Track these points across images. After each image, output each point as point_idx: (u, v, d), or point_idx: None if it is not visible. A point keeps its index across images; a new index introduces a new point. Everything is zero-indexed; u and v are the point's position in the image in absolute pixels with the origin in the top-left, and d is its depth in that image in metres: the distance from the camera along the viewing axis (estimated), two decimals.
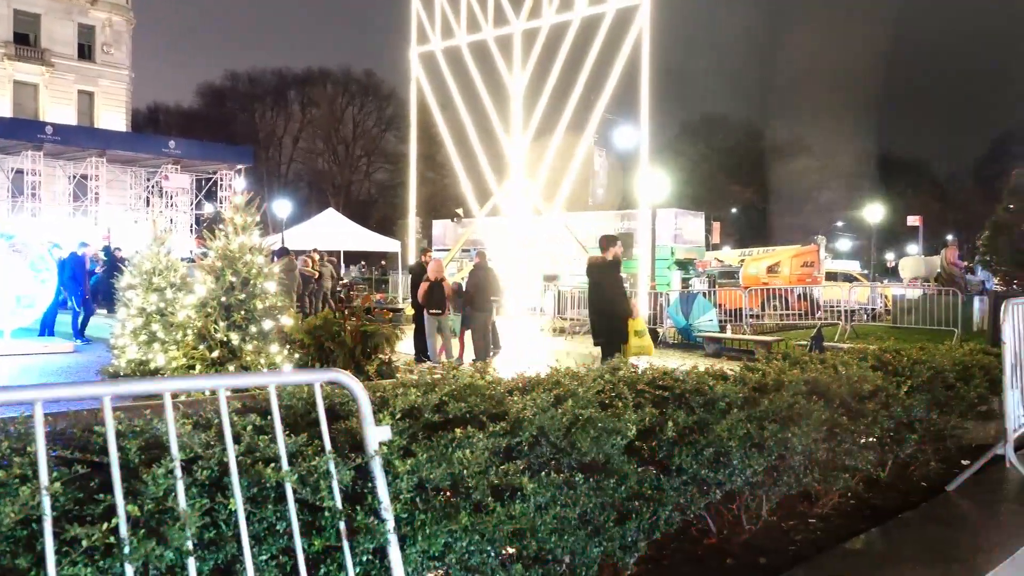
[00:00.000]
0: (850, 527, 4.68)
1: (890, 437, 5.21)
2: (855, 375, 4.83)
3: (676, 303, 17.95)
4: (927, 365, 5.53)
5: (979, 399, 6.06)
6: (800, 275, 25.72)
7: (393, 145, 65.32)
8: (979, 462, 5.48)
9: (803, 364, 4.87)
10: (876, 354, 5.63)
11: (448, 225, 30.62)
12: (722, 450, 3.76)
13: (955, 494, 5.32)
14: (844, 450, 4.73)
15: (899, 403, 5.08)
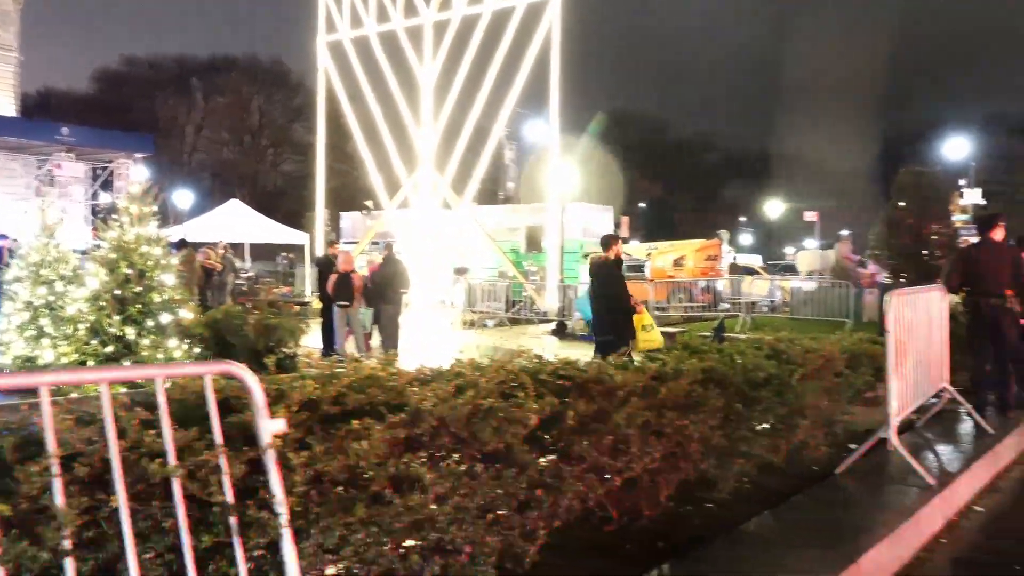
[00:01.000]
0: (746, 511, 4.82)
1: (783, 423, 5.41)
2: (750, 364, 4.99)
3: (585, 295, 18.13)
4: (818, 354, 5.75)
5: (866, 386, 6.36)
6: (704, 268, 26.36)
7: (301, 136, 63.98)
8: (865, 446, 5.74)
9: (701, 353, 5.00)
10: (771, 343, 5.81)
11: (357, 218, 30.23)
12: (621, 438, 3.84)
13: (842, 477, 5.55)
14: (739, 436, 4.88)
15: (791, 390, 5.27)
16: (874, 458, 5.82)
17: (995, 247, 7.96)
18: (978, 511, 5.69)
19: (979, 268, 7.79)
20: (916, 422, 7.17)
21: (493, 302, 21.34)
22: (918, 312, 6.27)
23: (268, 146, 70.38)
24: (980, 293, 7.72)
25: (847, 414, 6.32)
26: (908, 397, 6.02)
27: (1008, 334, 7.74)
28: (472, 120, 23.00)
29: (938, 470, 5.76)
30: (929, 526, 5.02)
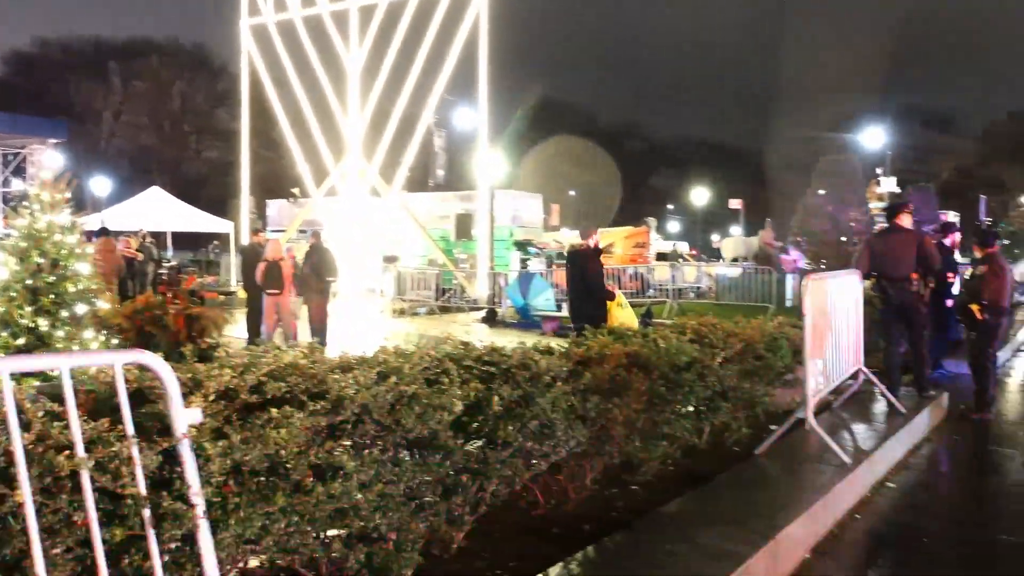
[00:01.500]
0: (670, 492, 4.91)
1: (706, 405, 5.53)
2: (673, 348, 5.08)
3: (514, 283, 18.23)
4: (739, 338, 5.89)
5: (786, 368, 6.53)
6: (632, 255, 26.69)
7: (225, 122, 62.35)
8: (783, 427, 5.90)
9: (625, 338, 5.07)
10: (694, 328, 5.93)
11: (284, 205, 29.70)
12: (547, 422, 3.87)
13: (763, 457, 5.71)
14: (663, 419, 4.97)
15: (714, 373, 5.39)
16: (793, 438, 6.00)
17: (902, 233, 8.25)
18: (890, 487, 5.92)
19: (886, 253, 8.08)
20: (833, 403, 7.41)
21: (423, 290, 21.25)
22: (834, 296, 6.46)
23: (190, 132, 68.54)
24: (887, 278, 8.01)
25: (767, 396, 6.48)
26: (825, 379, 6.21)
27: (916, 317, 8.05)
28: (400, 107, 22.79)
29: (853, 449, 5.96)
30: (844, 502, 5.20)
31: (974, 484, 6.46)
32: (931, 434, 7.49)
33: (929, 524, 5.35)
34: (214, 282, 25.48)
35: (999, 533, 5.17)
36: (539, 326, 16.42)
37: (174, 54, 66.37)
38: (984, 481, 6.55)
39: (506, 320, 17.87)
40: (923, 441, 7.22)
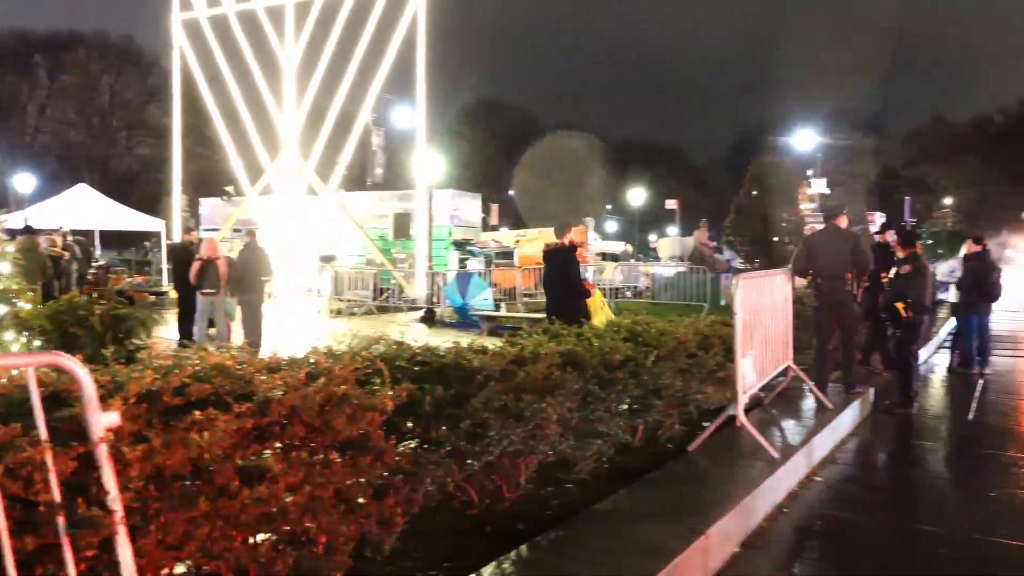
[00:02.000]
0: (604, 489, 4.96)
1: (639, 403, 5.59)
2: (607, 346, 5.12)
3: (453, 283, 18.19)
4: (672, 336, 5.97)
5: (718, 366, 6.64)
6: None
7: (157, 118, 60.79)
8: (715, 423, 6.01)
9: (560, 338, 5.09)
10: (628, 326, 5.99)
11: (217, 203, 29.09)
12: (480, 422, 3.87)
13: (695, 453, 5.79)
14: (597, 417, 5.01)
15: (647, 372, 5.45)
16: (725, 435, 6.10)
17: (838, 233, 8.50)
18: (818, 480, 6.07)
19: (824, 252, 8.30)
20: (764, 399, 7.57)
21: (361, 290, 21.05)
22: (764, 295, 6.60)
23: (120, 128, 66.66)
24: (823, 276, 8.23)
25: (700, 393, 6.59)
26: (755, 376, 6.33)
27: (848, 315, 8.29)
28: (337, 105, 22.52)
29: (782, 444, 6.10)
30: (773, 497, 5.32)
31: (897, 476, 6.67)
32: (857, 429, 7.71)
33: (854, 516, 5.50)
34: (144, 282, 24.85)
35: (920, 523, 5.34)
36: (478, 326, 16.43)
37: (102, 48, 64.43)
38: (907, 473, 6.76)
39: (445, 320, 17.83)
40: (849, 436, 7.42)
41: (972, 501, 5.89)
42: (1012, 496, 5.88)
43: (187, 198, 27.95)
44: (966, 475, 6.71)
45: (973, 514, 5.54)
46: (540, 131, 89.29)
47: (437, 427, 3.59)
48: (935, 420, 8.70)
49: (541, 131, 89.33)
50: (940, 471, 6.87)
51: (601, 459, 5.45)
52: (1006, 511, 5.54)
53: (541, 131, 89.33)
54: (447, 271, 21.21)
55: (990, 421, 8.60)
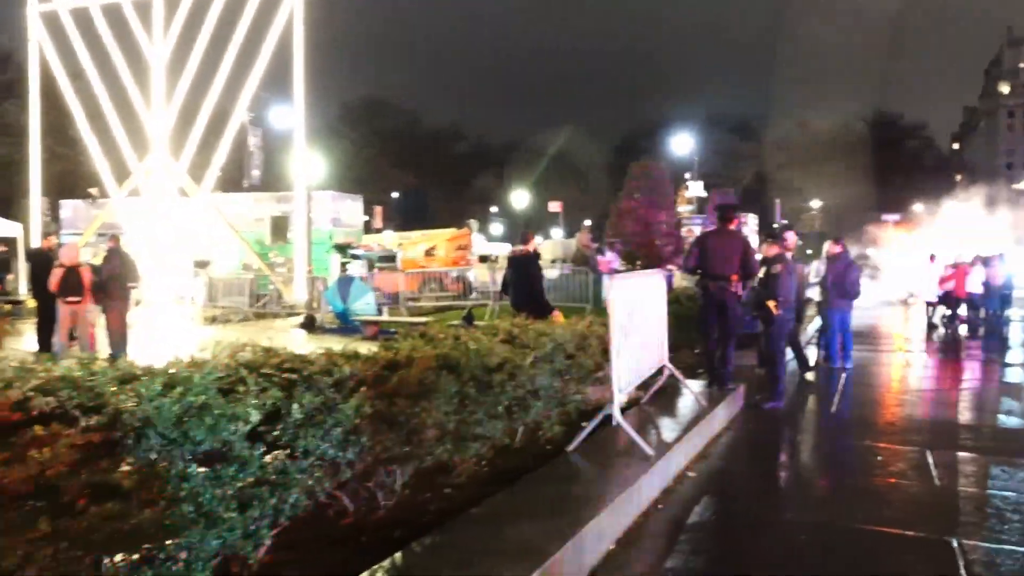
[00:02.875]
0: (483, 493, 4.96)
1: (518, 405, 5.63)
2: (484, 349, 5.14)
3: (334, 287, 17.87)
4: (550, 337, 6.05)
5: (596, 366, 6.77)
6: (455, 257, 26.88)
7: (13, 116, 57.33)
8: (592, 423, 6.12)
9: (435, 341, 5.08)
10: (506, 328, 6.04)
11: (80, 206, 27.67)
12: (351, 429, 3.81)
13: (573, 453, 5.88)
14: (475, 420, 5.02)
15: (525, 373, 5.50)
16: (602, 434, 6.22)
17: (729, 235, 8.84)
18: (691, 476, 6.26)
19: (714, 253, 8.61)
20: (641, 398, 7.76)
21: (237, 296, 20.45)
22: (640, 295, 6.77)
23: None
24: (710, 276, 8.53)
25: (579, 394, 6.71)
26: (631, 376, 6.48)
27: (731, 315, 8.60)
28: (211, 102, 21.78)
29: (657, 442, 6.26)
30: (648, 494, 5.45)
31: (766, 469, 6.95)
32: (729, 424, 8.00)
33: (725, 508, 5.70)
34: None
35: (786, 512, 5.59)
36: (360, 331, 16.18)
37: None
38: (775, 466, 7.06)
39: (325, 326, 17.51)
40: (722, 431, 7.70)
41: (834, 489, 6.22)
42: (868, 483, 6.24)
43: (47, 201, 26.44)
44: (829, 465, 7.07)
45: (835, 502, 5.85)
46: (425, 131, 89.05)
47: (305, 435, 3.51)
48: (802, 414, 9.13)
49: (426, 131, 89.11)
50: (805, 462, 7.22)
51: (480, 462, 5.48)
52: (864, 497, 5.87)
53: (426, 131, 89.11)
54: (327, 275, 20.84)
55: (851, 413, 9.09)
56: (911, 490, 6.07)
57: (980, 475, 6.44)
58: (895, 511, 5.56)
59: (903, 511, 5.57)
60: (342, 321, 17.27)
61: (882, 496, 5.89)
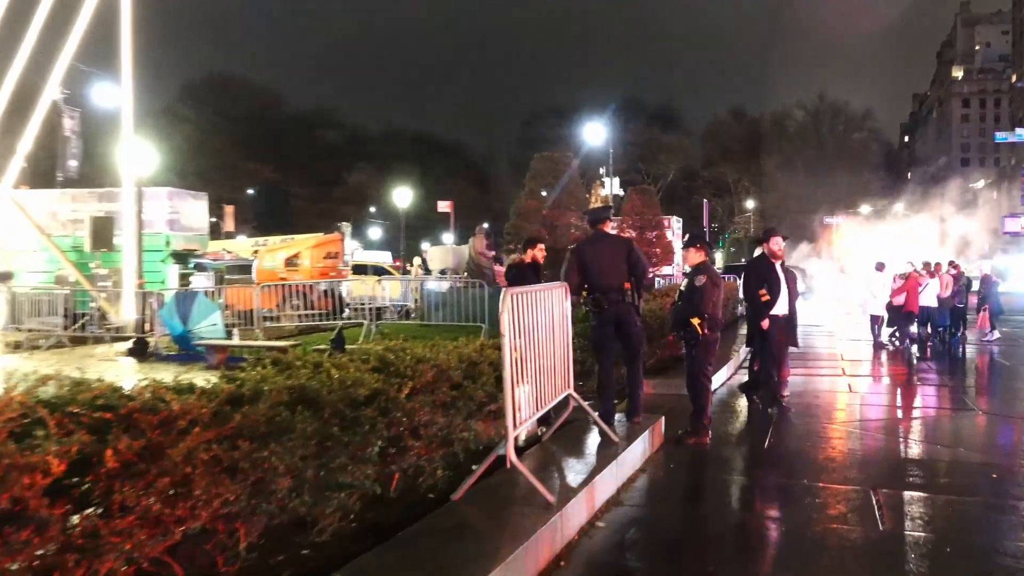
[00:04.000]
0: (349, 553, 4.93)
1: (393, 446, 5.62)
2: (349, 379, 5.11)
3: (171, 305, 17.47)
4: (431, 364, 6.06)
5: (487, 397, 6.81)
6: (323, 268, 26.62)
7: None
8: (482, 466, 6.15)
9: (291, 370, 5.02)
10: (378, 354, 6.01)
11: None
12: (181, 479, 3.73)
13: (460, 502, 5.90)
14: (339, 465, 4.98)
15: (400, 407, 5.49)
16: (495, 478, 6.26)
17: (609, 240, 9.00)
18: (600, 526, 6.36)
19: (597, 263, 8.73)
20: (542, 434, 7.84)
21: (48, 316, 19.75)
22: (539, 313, 6.83)
23: None
24: (600, 289, 8.65)
25: (468, 431, 6.73)
26: (529, 408, 6.54)
27: (633, 331, 8.75)
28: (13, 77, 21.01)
29: (560, 487, 6.34)
30: (548, 548, 5.51)
31: (689, 516, 7.11)
32: (646, 464, 8.17)
33: (639, 565, 5.82)
34: None
35: (711, 565, 5.74)
36: (204, 359, 15.84)
37: None
38: (699, 512, 7.24)
39: (161, 352, 17.10)
40: (638, 472, 7.85)
41: (766, 539, 6.42)
42: (805, 530, 6.46)
43: None
44: (760, 510, 7.30)
45: (766, 554, 6.04)
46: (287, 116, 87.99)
47: (122, 488, 3.42)
48: (731, 449, 9.39)
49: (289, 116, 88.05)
50: (733, 507, 7.42)
51: (347, 516, 5.42)
52: (800, 547, 6.08)
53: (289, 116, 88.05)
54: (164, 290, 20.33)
55: (786, 448, 9.39)
56: (852, 536, 6.32)
57: (929, 517, 6.75)
58: (834, 561, 5.78)
59: (843, 561, 5.80)
60: (182, 346, 16.90)
61: (821, 545, 6.11)
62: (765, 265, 11.24)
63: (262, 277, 24.98)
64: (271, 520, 4.57)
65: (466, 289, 20.01)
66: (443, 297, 20.88)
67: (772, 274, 11.08)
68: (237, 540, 4.48)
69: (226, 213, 58.61)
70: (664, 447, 8.90)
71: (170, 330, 17.20)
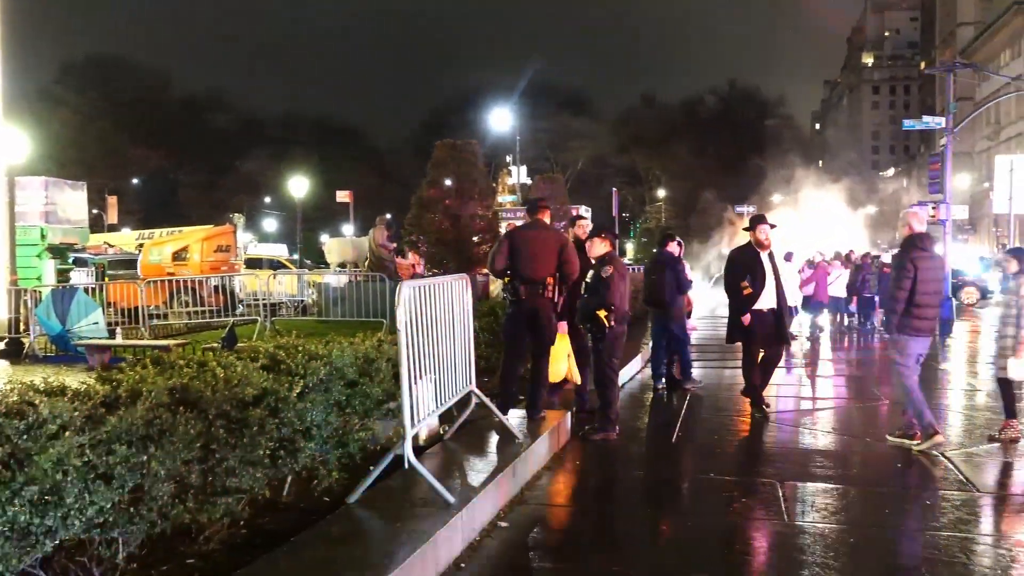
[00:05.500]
0: (237, 562, 4.87)
1: (284, 448, 5.56)
2: (236, 378, 5.05)
3: (48, 302, 16.93)
4: (324, 361, 6.01)
5: (386, 395, 6.80)
6: (214, 262, 26.18)
7: None
8: (379, 467, 6.14)
9: (173, 369, 4.95)
10: (269, 352, 5.95)
11: None
12: (51, 488, 3.64)
13: (356, 506, 5.88)
14: (226, 469, 4.92)
15: (291, 407, 5.44)
16: (394, 480, 6.26)
17: (543, 230, 9.07)
18: (503, 527, 6.41)
19: (527, 251, 8.79)
20: (444, 433, 7.86)
21: None
22: (439, 306, 6.85)
23: None
24: (522, 278, 8.71)
25: (365, 431, 6.70)
26: (429, 405, 6.56)
27: (547, 326, 8.83)
28: None
29: (461, 487, 6.36)
30: (448, 551, 5.53)
31: (595, 513, 7.22)
32: (552, 461, 8.25)
33: (544, 566, 5.88)
34: None
35: (616, 565, 5.82)
36: (85, 360, 15.43)
37: None
38: (605, 509, 7.35)
39: (37, 354, 16.60)
40: (543, 470, 7.93)
41: (672, 535, 6.54)
42: (713, 524, 6.63)
43: None
44: (667, 505, 7.43)
45: (673, 550, 6.16)
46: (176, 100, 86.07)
47: None
48: (637, 444, 9.55)
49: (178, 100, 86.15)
50: (640, 503, 7.54)
51: (236, 522, 5.37)
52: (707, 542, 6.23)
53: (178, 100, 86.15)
54: (40, 287, 19.70)
55: (694, 442, 9.60)
56: (758, 530, 6.49)
57: (835, 508, 6.96)
58: (739, 555, 5.94)
59: (748, 555, 5.96)
60: (60, 347, 16.44)
61: (727, 539, 6.28)
62: (750, 255, 10.88)
63: (148, 272, 24.44)
64: (153, 529, 4.50)
65: (366, 283, 19.87)
66: (342, 292, 20.69)
67: (758, 265, 10.76)
68: (116, 551, 4.41)
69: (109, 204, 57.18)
70: (571, 443, 9.00)
71: (47, 330, 16.69)
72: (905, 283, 8.79)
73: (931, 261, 9.02)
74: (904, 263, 8.88)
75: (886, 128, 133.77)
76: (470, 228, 22.35)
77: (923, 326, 8.94)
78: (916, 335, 8.92)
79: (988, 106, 50.89)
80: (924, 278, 8.80)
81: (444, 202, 22.52)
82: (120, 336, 17.55)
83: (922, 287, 8.78)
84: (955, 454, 8.58)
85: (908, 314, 8.83)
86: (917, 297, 8.78)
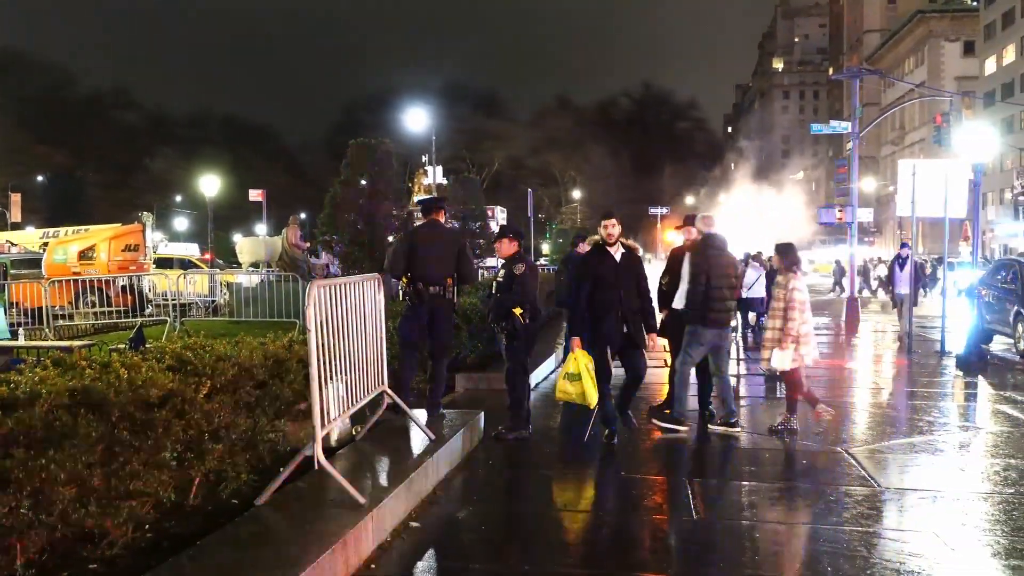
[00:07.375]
0: (142, 566, 4.79)
1: (190, 450, 5.49)
2: (140, 379, 4.97)
3: None
4: (232, 362, 5.95)
5: (296, 396, 6.75)
6: (122, 261, 25.67)
7: None
8: (288, 468, 6.08)
9: (74, 370, 4.84)
10: (175, 352, 5.87)
11: None
12: None
13: (265, 507, 5.82)
14: (130, 472, 4.84)
15: (197, 409, 5.38)
16: (304, 481, 6.22)
17: (440, 231, 9.09)
18: (415, 527, 6.41)
19: (425, 252, 8.80)
20: (356, 434, 7.82)
21: None
22: (349, 306, 6.81)
23: None
24: (422, 280, 8.72)
25: (276, 432, 6.65)
26: (339, 407, 6.51)
27: (445, 327, 8.88)
28: None
29: (372, 487, 6.35)
30: (359, 551, 5.51)
31: (506, 513, 7.25)
32: (465, 461, 8.27)
33: (455, 565, 5.89)
34: None
35: (525, 565, 5.86)
36: None
37: None
38: (517, 508, 7.38)
39: None
40: (456, 470, 7.95)
41: (582, 532, 6.61)
42: (623, 521, 6.72)
43: None
44: (578, 503, 7.52)
45: (582, 547, 6.24)
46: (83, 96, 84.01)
47: None
48: (550, 444, 9.61)
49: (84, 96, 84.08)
50: (552, 501, 7.59)
51: (141, 526, 5.27)
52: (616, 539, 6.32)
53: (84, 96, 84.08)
54: None
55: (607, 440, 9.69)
56: (666, 526, 6.60)
57: (742, 504, 7.12)
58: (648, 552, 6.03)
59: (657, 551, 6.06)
60: None
61: (636, 536, 6.37)
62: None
63: (52, 272, 23.85)
64: (53, 533, 4.40)
65: (279, 283, 19.68)
66: (254, 292, 20.44)
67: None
68: (14, 557, 4.30)
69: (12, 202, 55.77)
70: (484, 443, 9.03)
71: None
72: (701, 279, 9.48)
73: (722, 259, 9.71)
74: (699, 261, 9.60)
75: (796, 132, 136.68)
76: (384, 228, 22.20)
77: (719, 318, 9.62)
78: (711, 327, 9.59)
79: (893, 111, 52.33)
80: (717, 274, 9.53)
81: (358, 202, 22.35)
82: (23, 337, 17.08)
83: (716, 282, 9.51)
84: (859, 451, 8.83)
85: (705, 307, 9.49)
86: (712, 291, 9.49)
